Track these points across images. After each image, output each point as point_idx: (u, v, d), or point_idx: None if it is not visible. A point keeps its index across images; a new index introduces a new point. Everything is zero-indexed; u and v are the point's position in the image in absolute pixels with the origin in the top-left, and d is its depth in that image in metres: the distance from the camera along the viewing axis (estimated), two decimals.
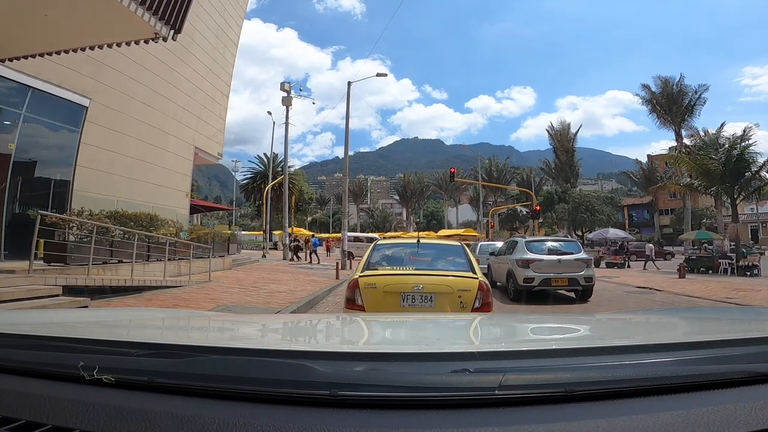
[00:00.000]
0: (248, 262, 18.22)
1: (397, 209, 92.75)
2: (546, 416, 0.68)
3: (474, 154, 56.05)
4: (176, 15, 5.90)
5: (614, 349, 0.90)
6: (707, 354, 0.85)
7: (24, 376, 0.83)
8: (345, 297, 4.01)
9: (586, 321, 1.89)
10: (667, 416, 0.67)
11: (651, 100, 37.04)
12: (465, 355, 0.84)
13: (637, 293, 10.98)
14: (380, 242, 4.91)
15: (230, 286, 10.02)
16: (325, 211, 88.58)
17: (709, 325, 1.52)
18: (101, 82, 10.41)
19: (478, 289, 3.71)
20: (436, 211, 75.73)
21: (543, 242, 10.30)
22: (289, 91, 23.13)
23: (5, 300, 5.20)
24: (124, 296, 7.32)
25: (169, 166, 13.69)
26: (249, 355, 0.85)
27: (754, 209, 38.06)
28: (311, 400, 0.71)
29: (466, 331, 1.54)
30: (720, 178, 16.74)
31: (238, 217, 65.96)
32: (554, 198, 44.88)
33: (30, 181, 9.21)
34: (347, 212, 26.16)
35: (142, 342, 0.95)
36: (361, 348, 1.17)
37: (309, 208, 57.36)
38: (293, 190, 31.09)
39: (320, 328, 1.66)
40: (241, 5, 18.28)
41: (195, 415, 0.68)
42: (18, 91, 8.65)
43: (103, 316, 1.85)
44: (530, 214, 35.43)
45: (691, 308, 5.32)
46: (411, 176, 78.18)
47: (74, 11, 5.36)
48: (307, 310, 7.80)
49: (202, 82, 15.41)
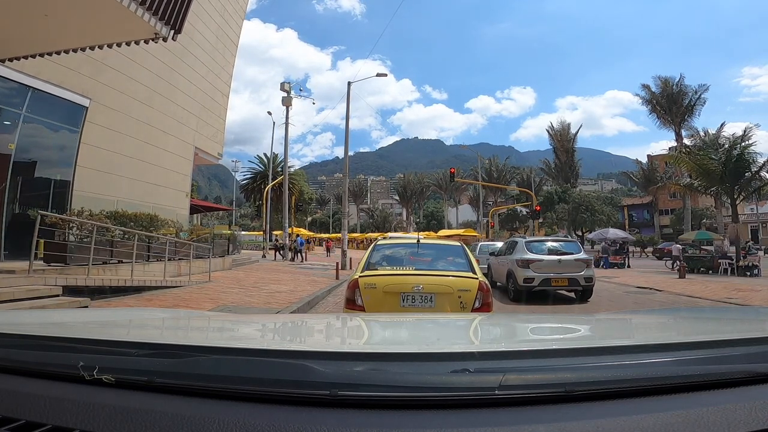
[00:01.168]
0: (248, 263, 18.23)
1: (397, 209, 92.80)
2: (546, 416, 0.68)
3: (474, 154, 56.06)
4: (176, 15, 5.90)
5: (614, 349, 0.90)
6: (707, 354, 0.85)
7: (24, 376, 0.83)
8: (345, 297, 4.01)
9: (586, 321, 1.89)
10: (667, 416, 0.67)
11: (651, 100, 37.09)
12: (465, 355, 0.84)
13: (637, 293, 10.98)
14: (380, 242, 4.91)
15: (230, 286, 10.02)
16: (325, 211, 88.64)
17: (709, 325, 1.52)
18: (101, 82, 10.41)
19: (478, 289, 3.71)
20: (436, 212, 75.70)
21: (543, 242, 10.30)
22: (289, 91, 23.13)
23: (5, 300, 5.20)
24: (124, 296, 7.32)
25: (169, 166, 13.69)
26: (249, 355, 0.85)
27: (754, 209, 38.09)
28: (311, 400, 0.71)
29: (466, 331, 1.54)
30: (720, 178, 16.74)
31: (238, 217, 65.99)
32: (554, 198, 44.87)
33: (30, 181, 9.22)
34: (347, 212, 26.15)
35: (142, 342, 0.95)
36: (361, 348, 1.17)
37: (309, 209, 57.34)
38: (293, 190, 31.07)
39: (320, 328, 1.66)
40: (241, 5, 18.28)
41: (195, 415, 0.68)
42: (18, 91, 8.66)
43: (103, 316, 1.85)
44: (530, 214, 35.42)
45: (691, 308, 5.31)
46: (411, 176, 78.22)
47: (74, 11, 5.36)
48: (307, 311, 7.80)
49: (202, 82, 15.41)
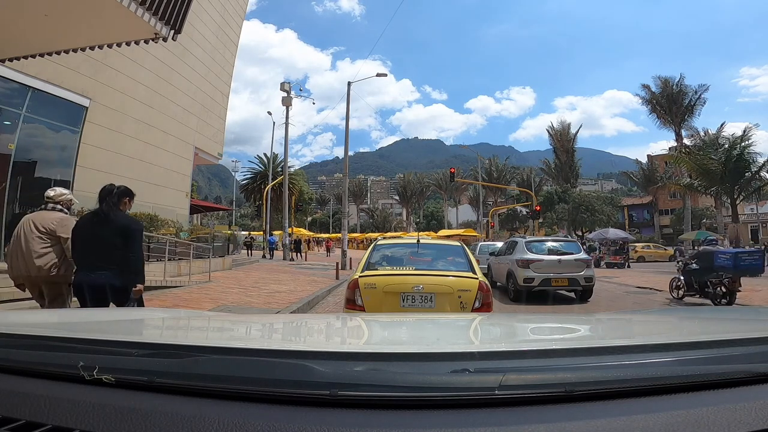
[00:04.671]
0: (248, 262, 18.23)
1: (397, 209, 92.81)
2: (546, 416, 0.68)
3: (474, 154, 56.05)
4: (176, 15, 5.89)
5: (614, 349, 0.89)
6: (707, 354, 0.85)
7: (24, 376, 0.83)
8: (345, 297, 4.01)
9: (586, 321, 1.89)
10: (667, 416, 0.67)
11: (651, 100, 37.04)
12: (465, 355, 0.84)
13: (637, 293, 10.97)
14: (380, 242, 4.91)
15: (230, 286, 10.02)
16: (325, 212, 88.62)
17: (709, 325, 1.52)
18: (101, 82, 10.41)
19: (478, 289, 3.71)
20: (436, 212, 75.73)
21: (543, 242, 10.30)
22: (289, 91, 23.14)
23: (5, 300, 5.20)
24: None
25: (168, 166, 13.69)
26: (249, 355, 0.85)
27: (754, 209, 38.05)
28: (311, 400, 0.71)
29: (466, 331, 1.54)
30: (720, 178, 16.77)
31: (238, 217, 66.02)
32: (554, 198, 44.80)
33: (30, 181, 9.21)
34: (347, 212, 26.14)
35: (142, 342, 0.95)
36: (361, 348, 1.17)
37: (309, 209, 57.34)
38: (293, 190, 31.09)
39: (320, 328, 1.66)
40: (241, 5, 18.29)
41: (195, 415, 0.68)
42: (18, 91, 8.66)
43: (103, 316, 1.85)
44: (530, 215, 35.43)
45: (691, 308, 5.32)
46: (411, 176, 78.21)
47: (74, 11, 5.35)
48: (307, 311, 7.80)
49: (202, 82, 15.41)
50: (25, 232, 3.53)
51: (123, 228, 3.22)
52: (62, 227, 3.51)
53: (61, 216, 3.61)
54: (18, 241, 3.53)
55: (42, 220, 3.54)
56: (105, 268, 3.12)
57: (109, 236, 3.17)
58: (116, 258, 3.15)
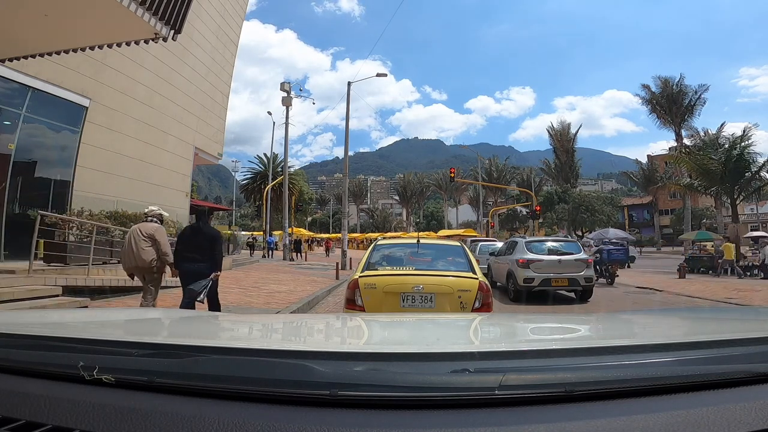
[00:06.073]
0: (248, 263, 18.21)
1: (397, 209, 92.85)
2: (546, 416, 0.68)
3: (474, 154, 56.05)
4: (176, 15, 5.89)
5: (615, 349, 0.89)
6: (707, 354, 0.85)
7: (24, 376, 0.83)
8: (345, 297, 4.00)
9: (586, 321, 1.89)
10: (667, 416, 0.67)
11: (651, 100, 37.11)
12: (465, 355, 0.84)
13: (637, 293, 10.98)
14: (380, 242, 4.91)
15: (230, 286, 9.99)
16: (325, 212, 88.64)
17: (709, 325, 1.52)
18: (101, 82, 10.41)
19: (478, 289, 3.71)
20: (436, 212, 75.74)
21: (543, 242, 10.31)
22: (289, 91, 23.12)
23: (5, 300, 5.20)
24: (124, 296, 7.31)
25: (168, 166, 13.69)
26: (249, 355, 0.85)
27: (754, 209, 38.05)
28: (311, 400, 0.71)
29: (466, 331, 1.54)
30: (720, 178, 16.76)
31: (238, 218, 65.98)
32: (554, 198, 44.80)
33: (30, 181, 9.22)
34: (347, 212, 26.14)
35: (142, 342, 0.95)
36: (361, 348, 1.17)
37: (309, 209, 57.32)
38: (293, 190, 31.06)
39: (320, 328, 1.66)
40: (241, 5, 18.28)
41: (195, 415, 0.68)
42: (18, 91, 8.66)
43: (103, 316, 1.85)
44: (530, 215, 35.42)
45: (691, 308, 5.32)
46: (411, 176, 78.21)
47: (74, 11, 5.36)
48: (307, 311, 7.79)
49: (202, 82, 15.41)
50: (134, 236, 5.19)
51: (211, 237, 5.08)
52: (158, 233, 5.23)
53: (156, 226, 5.34)
54: (129, 243, 5.20)
55: (145, 228, 5.25)
56: (201, 261, 4.86)
57: (203, 241, 4.96)
58: (206, 255, 4.90)
